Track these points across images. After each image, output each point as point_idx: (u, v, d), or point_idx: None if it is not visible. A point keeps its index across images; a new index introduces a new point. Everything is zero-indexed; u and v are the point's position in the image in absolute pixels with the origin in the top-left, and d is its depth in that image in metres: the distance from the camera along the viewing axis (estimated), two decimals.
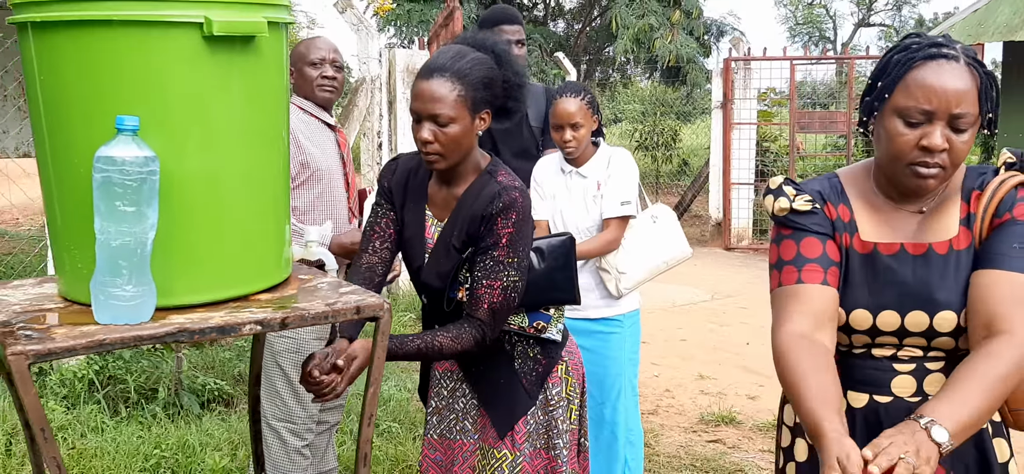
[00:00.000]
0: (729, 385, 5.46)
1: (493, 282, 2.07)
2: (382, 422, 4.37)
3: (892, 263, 1.65)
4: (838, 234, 1.70)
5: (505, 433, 2.23)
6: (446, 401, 2.33)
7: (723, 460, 4.26)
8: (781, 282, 1.68)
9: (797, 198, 1.71)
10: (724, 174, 10.57)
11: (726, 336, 6.82)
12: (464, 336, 2.06)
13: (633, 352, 3.33)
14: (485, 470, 2.26)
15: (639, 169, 3.42)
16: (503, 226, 2.06)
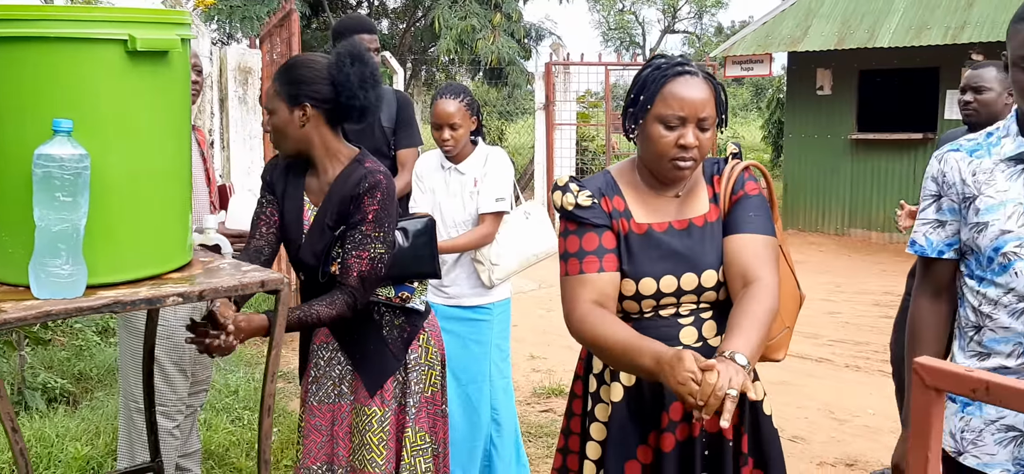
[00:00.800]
0: (557, 363, 5.98)
1: (362, 253, 2.37)
2: (233, 410, 4.55)
3: (664, 237, 2.00)
4: (615, 222, 2.00)
5: (375, 391, 2.54)
6: (324, 370, 2.61)
7: (554, 426, 4.74)
8: (567, 272, 1.98)
9: (580, 194, 2.00)
10: (548, 172, 11.19)
11: (553, 321, 7.37)
12: (337, 302, 2.35)
13: (502, 339, 3.61)
14: (359, 426, 2.57)
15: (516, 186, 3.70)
16: (369, 204, 2.37)
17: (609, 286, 1.96)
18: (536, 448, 4.46)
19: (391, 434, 2.57)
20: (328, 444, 2.60)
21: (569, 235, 2.01)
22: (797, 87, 11.92)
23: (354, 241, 2.38)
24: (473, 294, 3.47)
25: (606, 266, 1.97)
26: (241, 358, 5.61)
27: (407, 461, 2.59)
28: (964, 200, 1.93)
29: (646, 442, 2.01)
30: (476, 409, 3.49)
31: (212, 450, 4.01)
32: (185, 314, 3.13)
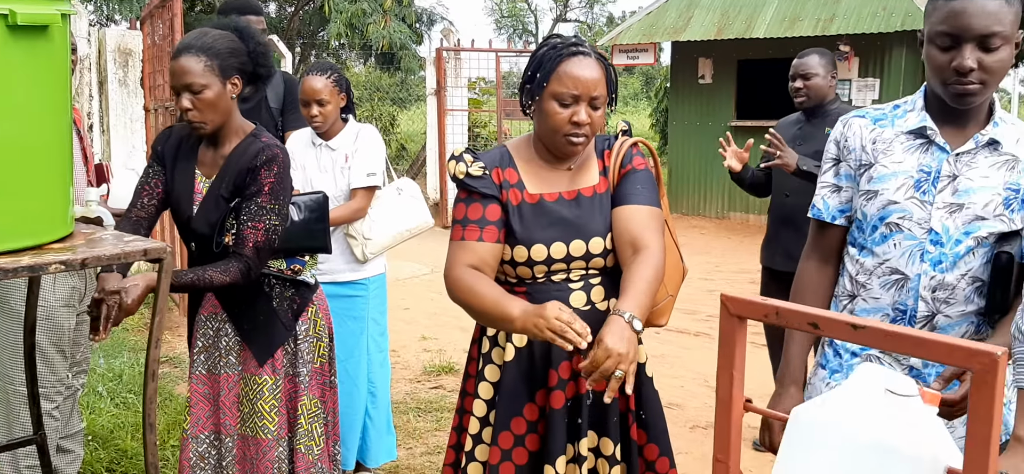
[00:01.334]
0: (448, 343, 6.11)
1: (257, 224, 2.45)
2: (118, 394, 4.50)
3: (555, 207, 2.12)
4: (507, 192, 2.10)
5: (265, 360, 2.61)
6: (212, 340, 2.66)
7: (444, 401, 4.88)
8: (463, 237, 2.11)
9: (472, 164, 2.11)
10: (440, 157, 11.29)
11: (445, 304, 7.46)
12: (231, 269, 2.43)
13: (378, 314, 3.69)
14: (248, 395, 2.63)
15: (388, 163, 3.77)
16: (266, 177, 2.46)
17: (488, 255, 2.08)
18: (426, 423, 4.58)
19: (282, 401, 2.65)
20: (215, 414, 2.66)
21: (459, 203, 2.14)
22: (680, 76, 12.37)
23: (250, 212, 2.46)
24: (347, 269, 3.54)
25: (486, 236, 2.08)
26: (125, 344, 5.52)
27: (304, 427, 2.69)
28: (861, 166, 1.97)
29: (533, 400, 2.14)
30: (354, 382, 3.58)
31: (96, 432, 3.97)
32: (64, 295, 3.12)
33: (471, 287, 2.03)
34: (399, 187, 3.67)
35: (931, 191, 1.88)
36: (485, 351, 2.21)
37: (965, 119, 1.89)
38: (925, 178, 1.89)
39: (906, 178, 1.90)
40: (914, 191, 1.89)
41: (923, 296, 1.89)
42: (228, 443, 2.66)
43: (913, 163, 1.91)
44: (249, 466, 2.64)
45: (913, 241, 1.89)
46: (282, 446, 2.65)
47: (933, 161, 1.89)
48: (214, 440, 2.67)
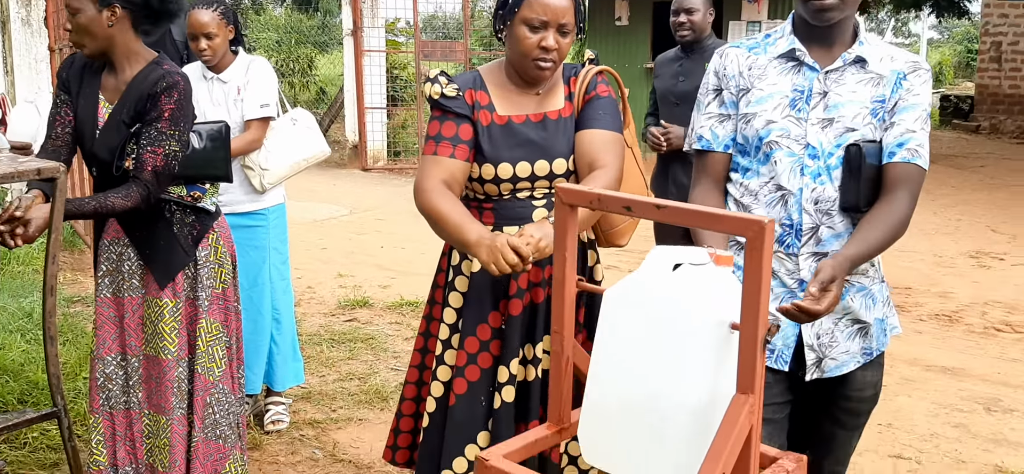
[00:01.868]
0: (364, 280, 6.22)
1: (156, 149, 2.53)
2: (28, 331, 4.51)
3: (522, 128, 2.25)
4: (478, 113, 2.23)
5: (165, 283, 2.70)
6: (115, 264, 2.73)
7: (358, 332, 5.01)
8: (435, 152, 2.24)
9: (447, 86, 2.25)
10: (358, 100, 11.24)
11: (363, 243, 7.58)
12: (132, 194, 2.50)
13: (279, 242, 3.76)
14: (151, 317, 2.72)
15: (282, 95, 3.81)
16: (166, 103, 2.53)
17: (457, 171, 2.22)
18: (339, 352, 4.71)
19: (182, 324, 2.74)
20: (121, 335, 2.74)
21: (433, 120, 2.27)
22: (598, 18, 12.51)
23: (149, 137, 2.53)
24: (247, 200, 3.60)
25: (458, 154, 2.22)
26: (35, 284, 5.49)
27: (203, 349, 2.77)
28: (740, 91, 2.10)
29: (497, 309, 2.29)
30: (259, 309, 3.67)
31: (7, 366, 4.00)
32: None
33: (437, 205, 2.17)
34: (293, 118, 3.72)
35: (805, 108, 2.02)
36: (455, 264, 2.33)
37: (831, 40, 2.03)
38: (799, 97, 2.03)
39: (781, 99, 2.03)
40: (790, 110, 2.03)
41: (806, 209, 2.02)
42: (134, 363, 2.74)
43: (787, 84, 2.04)
44: (153, 385, 2.74)
45: (793, 157, 2.01)
46: (182, 367, 2.74)
47: (805, 81, 2.03)
48: (121, 361, 2.76)
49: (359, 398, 4.11)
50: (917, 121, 1.99)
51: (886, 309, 2.17)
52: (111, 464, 2.78)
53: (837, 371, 2.09)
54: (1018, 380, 4.41)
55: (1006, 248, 7.29)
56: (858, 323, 2.10)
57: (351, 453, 3.58)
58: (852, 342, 2.09)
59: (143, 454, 2.78)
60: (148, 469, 2.79)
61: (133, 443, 2.77)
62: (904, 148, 1.97)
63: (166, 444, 2.71)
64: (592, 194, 1.29)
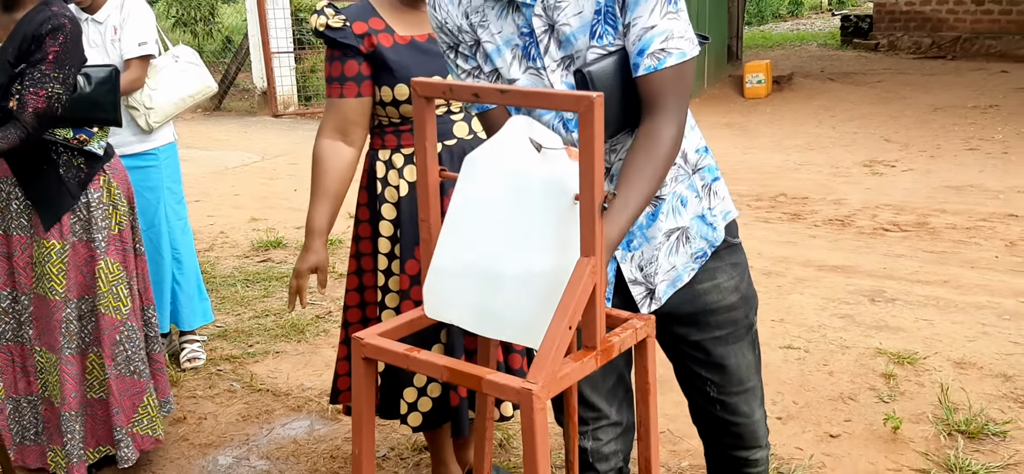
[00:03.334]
0: (278, 222, 6.23)
1: (39, 91, 2.54)
2: None
3: (428, 45, 2.23)
4: (376, 37, 2.18)
5: (51, 225, 2.71)
6: (4, 202, 2.73)
7: (272, 272, 5.06)
8: (330, 95, 2.23)
9: (333, 17, 2.19)
10: (263, 45, 11.05)
11: (276, 188, 7.55)
12: (10, 135, 2.51)
13: (173, 182, 3.74)
14: (39, 258, 2.74)
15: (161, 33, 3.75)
16: (51, 44, 2.54)
17: (350, 111, 2.22)
18: (255, 291, 4.75)
19: (70, 265, 2.75)
20: (12, 273, 2.76)
21: (333, 61, 2.23)
22: None
23: (32, 78, 2.53)
24: (136, 141, 3.58)
25: (346, 92, 2.21)
26: None
27: (104, 290, 2.80)
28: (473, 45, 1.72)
29: None
30: (157, 250, 3.68)
31: None
32: None
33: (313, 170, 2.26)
34: (176, 54, 3.69)
35: (538, 55, 1.66)
36: (378, 193, 2.31)
37: None
38: (529, 41, 1.65)
39: (513, 50, 1.67)
40: (525, 60, 1.67)
41: None
42: (24, 301, 2.78)
43: (511, 28, 1.66)
44: (43, 324, 2.77)
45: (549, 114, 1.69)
46: (71, 307, 2.76)
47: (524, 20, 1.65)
48: (10, 297, 2.78)
49: (275, 333, 4.18)
50: (654, 12, 1.57)
51: (704, 201, 1.83)
52: (10, 395, 2.83)
53: (671, 290, 1.81)
54: (901, 273, 4.72)
55: (897, 155, 7.67)
56: (673, 231, 1.79)
57: (269, 383, 3.66)
58: (675, 255, 1.80)
59: (37, 387, 2.83)
60: (44, 402, 2.84)
61: (28, 374, 2.82)
62: (647, 54, 1.57)
63: (57, 381, 2.77)
64: (444, 85, 1.39)
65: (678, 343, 1.90)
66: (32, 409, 2.88)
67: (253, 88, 11.79)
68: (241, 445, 3.17)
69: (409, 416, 2.35)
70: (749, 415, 1.95)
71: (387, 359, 1.36)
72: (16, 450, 2.88)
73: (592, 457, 1.86)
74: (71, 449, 2.79)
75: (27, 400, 2.86)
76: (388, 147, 2.31)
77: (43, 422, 2.87)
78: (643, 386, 1.50)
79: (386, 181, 2.31)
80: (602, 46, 1.61)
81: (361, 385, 1.41)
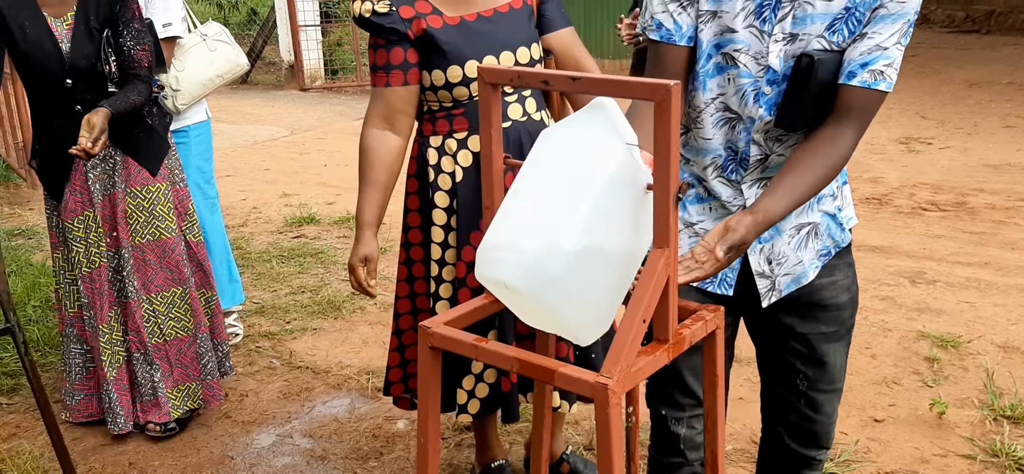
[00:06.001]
0: (310, 198, 6.24)
1: (143, 46, 2.79)
2: None
3: (477, 25, 2.16)
4: (424, 21, 2.11)
5: (156, 170, 2.93)
6: (100, 166, 2.88)
7: (306, 247, 5.07)
8: (375, 84, 2.18)
9: (378, 3, 2.11)
10: (290, 18, 11.03)
11: (306, 162, 7.56)
12: (141, 89, 2.77)
13: (202, 161, 3.68)
14: (144, 205, 2.93)
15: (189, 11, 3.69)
16: (133, 3, 2.78)
17: (396, 100, 2.17)
18: (289, 268, 4.77)
19: (174, 205, 3.00)
20: (115, 230, 2.93)
21: (378, 49, 2.16)
22: None
23: (133, 35, 2.77)
24: None
25: (392, 80, 2.16)
26: None
27: (192, 222, 3.10)
28: None
29: None
30: None
31: None
32: None
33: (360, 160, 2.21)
34: (203, 33, 3.62)
35: (771, 19, 1.64)
36: (431, 180, 2.25)
37: None
38: (767, 3, 1.64)
39: (745, 4, 1.65)
40: (755, 19, 1.65)
41: (755, 139, 1.72)
42: (125, 255, 2.94)
43: None
44: (153, 269, 2.97)
45: (748, 79, 1.68)
46: (182, 244, 3.01)
47: None
48: (114, 256, 2.95)
49: (312, 309, 4.19)
50: (894, 36, 1.60)
51: (837, 201, 1.83)
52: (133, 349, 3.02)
53: (794, 286, 1.81)
54: (941, 254, 4.65)
55: (934, 133, 7.55)
56: (804, 226, 1.80)
57: (308, 359, 3.67)
58: (803, 250, 1.80)
59: (146, 336, 3.00)
60: (158, 351, 3.03)
61: (138, 328, 2.98)
62: (868, 69, 1.59)
63: (188, 309, 3.04)
64: (512, 71, 1.36)
65: (782, 332, 1.88)
66: (146, 364, 3.03)
67: (280, 61, 11.80)
68: (283, 423, 3.18)
69: (469, 404, 2.33)
70: (829, 415, 1.95)
71: (455, 349, 1.35)
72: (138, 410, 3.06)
73: (684, 445, 1.85)
74: (211, 369, 3.09)
75: (138, 357, 3.02)
76: (440, 133, 2.24)
77: (160, 370, 3.03)
78: (710, 378, 1.48)
79: (439, 168, 2.25)
80: (830, 41, 1.62)
81: (428, 375, 1.40)
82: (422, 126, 2.28)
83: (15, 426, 3.18)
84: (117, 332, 2.97)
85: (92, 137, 2.52)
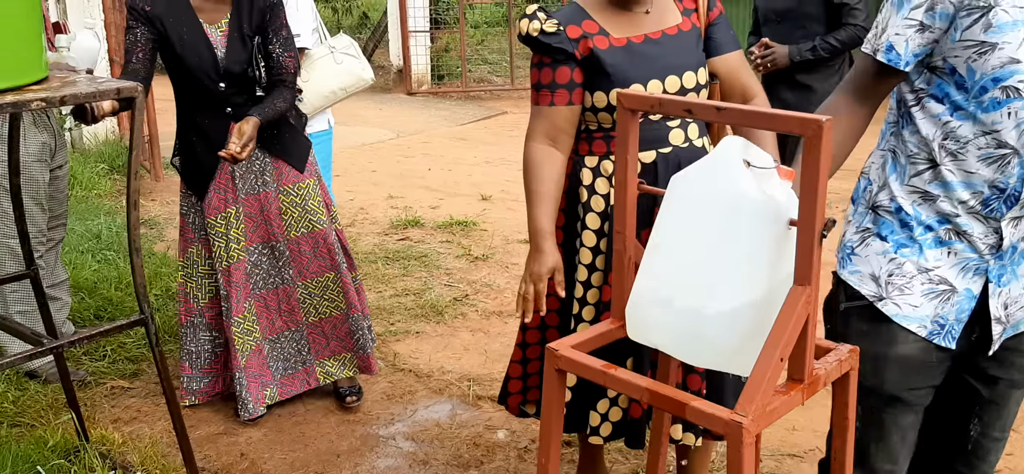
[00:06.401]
0: (414, 201, 6.34)
1: (290, 53, 2.96)
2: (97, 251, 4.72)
3: (644, 47, 2.11)
4: (590, 41, 2.08)
5: (303, 168, 3.08)
6: (245, 167, 3.03)
7: (411, 251, 5.15)
8: (537, 102, 2.14)
9: (546, 22, 2.10)
10: (401, 23, 11.24)
11: (411, 165, 7.69)
12: (287, 95, 2.95)
13: (322, 168, 3.75)
14: (296, 201, 3.09)
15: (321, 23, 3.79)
16: (280, 11, 2.95)
17: (560, 119, 2.13)
18: (394, 270, 4.85)
19: (322, 198, 3.17)
20: (262, 226, 3.10)
21: (543, 67, 2.14)
22: None
23: (282, 42, 2.95)
24: None
25: (557, 100, 2.13)
26: (100, 208, 5.71)
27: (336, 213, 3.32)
28: (972, 9, 1.56)
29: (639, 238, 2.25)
30: None
31: (81, 284, 4.20)
32: (36, 150, 3.29)
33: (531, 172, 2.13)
34: (332, 45, 3.68)
35: None
36: (583, 201, 2.21)
37: None
38: None
39: None
40: None
41: None
42: (280, 248, 3.14)
43: None
44: (307, 258, 3.16)
45: None
46: (333, 233, 3.19)
47: None
48: (264, 248, 3.14)
49: (415, 312, 4.25)
50: None
51: None
52: (267, 336, 3.21)
53: (1012, 331, 1.74)
54: None
55: None
56: None
57: (411, 363, 3.72)
58: None
59: (301, 316, 3.23)
60: (311, 327, 3.27)
61: (293, 310, 3.22)
62: None
63: (340, 291, 3.21)
64: (653, 98, 1.35)
65: (970, 374, 1.80)
66: (295, 340, 3.26)
67: (389, 65, 12.03)
68: (387, 423, 3.24)
69: (601, 427, 2.27)
70: (992, 465, 1.88)
71: (584, 373, 1.34)
72: (278, 383, 3.26)
73: None
74: (364, 343, 3.27)
75: (288, 334, 3.25)
76: (596, 154, 2.19)
77: (310, 346, 3.28)
78: (841, 421, 1.43)
79: (593, 189, 2.20)
80: None
81: (553, 397, 1.40)
82: (578, 145, 2.23)
83: (136, 410, 3.33)
84: (250, 322, 3.14)
85: (241, 143, 2.69)
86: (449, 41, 12.02)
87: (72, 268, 4.31)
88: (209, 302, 3.19)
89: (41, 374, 3.44)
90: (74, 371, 3.37)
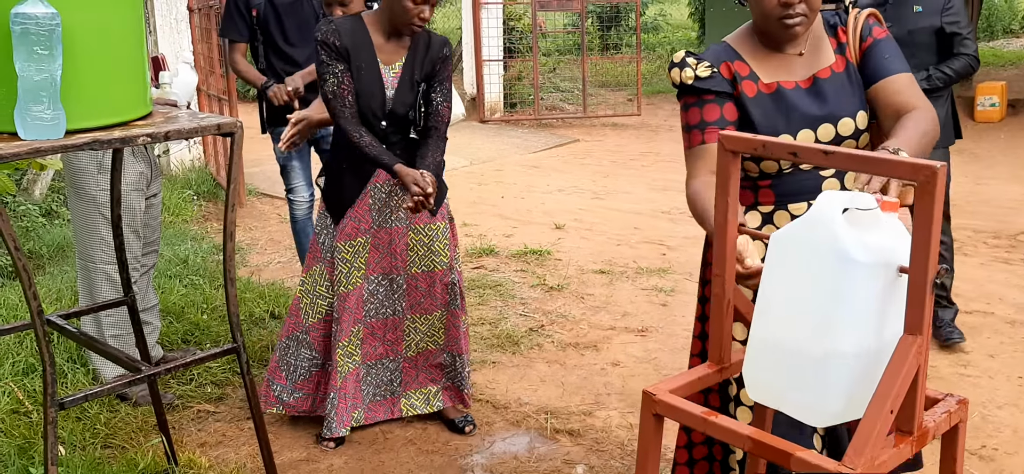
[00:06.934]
0: (488, 229, 6.38)
1: (448, 104, 3.09)
2: (185, 276, 4.85)
3: (794, 95, 2.02)
4: (741, 85, 2.01)
5: (437, 211, 3.17)
6: (383, 201, 3.13)
7: (485, 279, 5.17)
8: (690, 144, 2.04)
9: (698, 66, 2.03)
10: (475, 52, 11.37)
11: (483, 193, 7.74)
12: (442, 146, 3.11)
13: None
14: (424, 241, 3.19)
15: None
16: (448, 64, 3.09)
17: None
18: (470, 298, 4.87)
19: (450, 241, 3.26)
20: (387, 258, 3.21)
21: (690, 108, 2.05)
22: None
23: (444, 92, 3.07)
24: None
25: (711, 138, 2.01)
26: (186, 234, 5.87)
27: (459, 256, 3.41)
28: None
29: None
30: None
31: (169, 308, 4.33)
32: (133, 179, 3.41)
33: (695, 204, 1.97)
34: None
35: None
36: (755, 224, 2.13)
37: None
38: None
39: None
40: None
41: None
42: (399, 281, 3.25)
43: None
44: (421, 295, 3.27)
45: None
46: (451, 274, 3.27)
47: None
48: (383, 280, 3.24)
49: (490, 342, 4.26)
50: None
51: None
52: (366, 361, 3.31)
53: None
54: None
55: None
56: None
57: (487, 393, 3.73)
58: None
59: (403, 348, 3.29)
60: (407, 360, 3.37)
61: (396, 340, 3.33)
62: None
63: (442, 328, 3.33)
64: (756, 140, 1.33)
65: None
66: (391, 369, 3.36)
67: (462, 93, 12.16)
68: (465, 455, 3.24)
69: None
70: None
71: (683, 419, 1.32)
72: (365, 408, 3.34)
73: None
74: (461, 381, 3.38)
75: (385, 362, 3.35)
76: (743, 204, 2.09)
77: (401, 377, 3.38)
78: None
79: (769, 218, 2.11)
80: None
81: (649, 442, 1.38)
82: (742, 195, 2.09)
83: (222, 434, 3.40)
84: (354, 346, 3.24)
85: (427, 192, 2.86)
86: (521, 70, 12.10)
87: (161, 292, 4.44)
88: (317, 322, 3.27)
89: (131, 397, 3.55)
90: (163, 394, 3.46)
